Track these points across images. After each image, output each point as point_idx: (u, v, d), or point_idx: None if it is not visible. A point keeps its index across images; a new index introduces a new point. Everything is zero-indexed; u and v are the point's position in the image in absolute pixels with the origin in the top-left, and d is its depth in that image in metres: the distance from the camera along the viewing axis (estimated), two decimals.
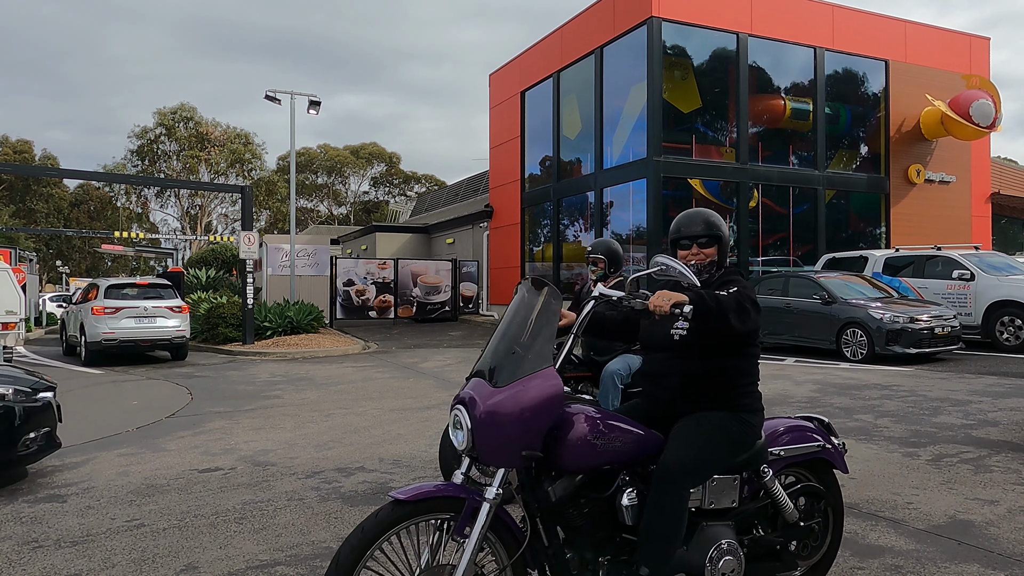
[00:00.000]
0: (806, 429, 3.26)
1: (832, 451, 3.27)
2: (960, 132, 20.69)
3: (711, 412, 2.82)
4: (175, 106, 57.36)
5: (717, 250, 3.01)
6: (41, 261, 55.49)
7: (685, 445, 2.70)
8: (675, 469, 2.63)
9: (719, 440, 2.77)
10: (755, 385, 2.98)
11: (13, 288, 12.50)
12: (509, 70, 25.49)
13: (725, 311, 2.59)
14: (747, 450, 2.88)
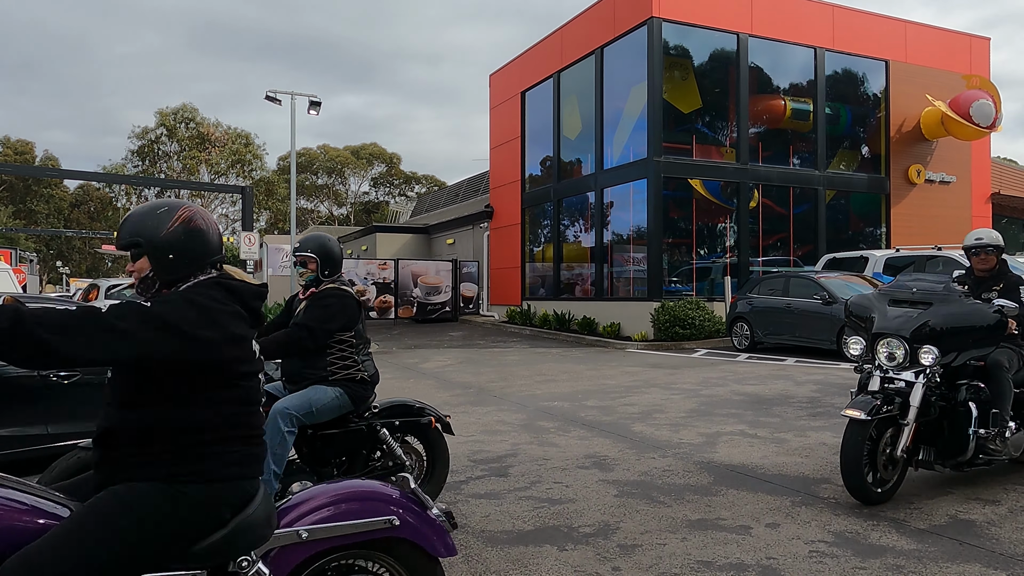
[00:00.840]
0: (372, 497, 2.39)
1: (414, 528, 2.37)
2: (960, 132, 20.69)
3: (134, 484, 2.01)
4: (176, 107, 57.41)
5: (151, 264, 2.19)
6: (41, 262, 55.51)
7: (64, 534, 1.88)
8: None
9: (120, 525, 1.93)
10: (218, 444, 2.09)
11: (14, 289, 12.51)
12: (509, 70, 25.50)
13: None
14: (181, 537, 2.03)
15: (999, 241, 5.42)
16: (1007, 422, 4.82)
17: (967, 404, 4.77)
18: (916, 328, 4.70)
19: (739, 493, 5.03)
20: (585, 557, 3.95)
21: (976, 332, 4.78)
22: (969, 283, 5.38)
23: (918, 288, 4.96)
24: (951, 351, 4.71)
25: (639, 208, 18.76)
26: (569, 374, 11.77)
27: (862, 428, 4.54)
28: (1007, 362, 5.01)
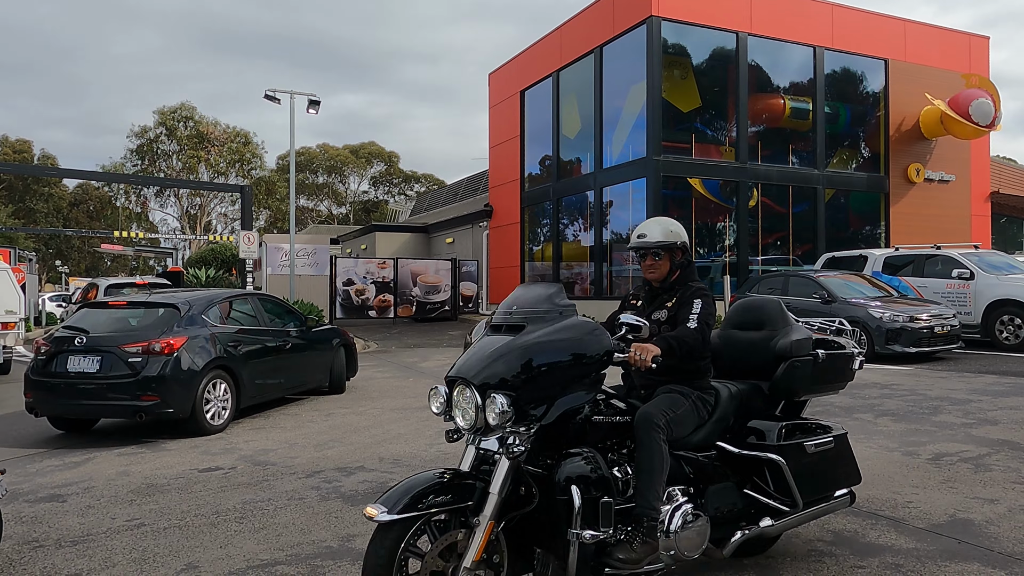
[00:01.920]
0: None
1: None
2: (959, 131, 20.69)
3: None
4: (175, 105, 57.37)
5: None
6: (41, 261, 55.47)
7: None
8: None
9: None
10: None
11: (13, 288, 12.49)
12: (508, 69, 25.48)
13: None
14: None
15: (673, 237, 3.64)
16: (655, 511, 3.09)
17: (568, 489, 2.91)
18: (485, 367, 2.95)
19: None
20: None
21: (572, 366, 3.04)
22: (643, 297, 3.89)
23: (520, 306, 3.18)
24: (540, 400, 2.95)
25: (638, 207, 18.76)
26: None
27: (385, 534, 2.84)
28: (664, 416, 3.22)
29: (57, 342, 7.41)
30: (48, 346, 7.45)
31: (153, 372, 7.12)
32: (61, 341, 7.39)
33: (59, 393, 7.26)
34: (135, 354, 7.17)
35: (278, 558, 4.01)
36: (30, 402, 7.42)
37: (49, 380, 7.27)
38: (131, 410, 7.20)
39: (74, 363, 7.21)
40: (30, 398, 7.40)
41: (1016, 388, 8.97)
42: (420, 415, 8.27)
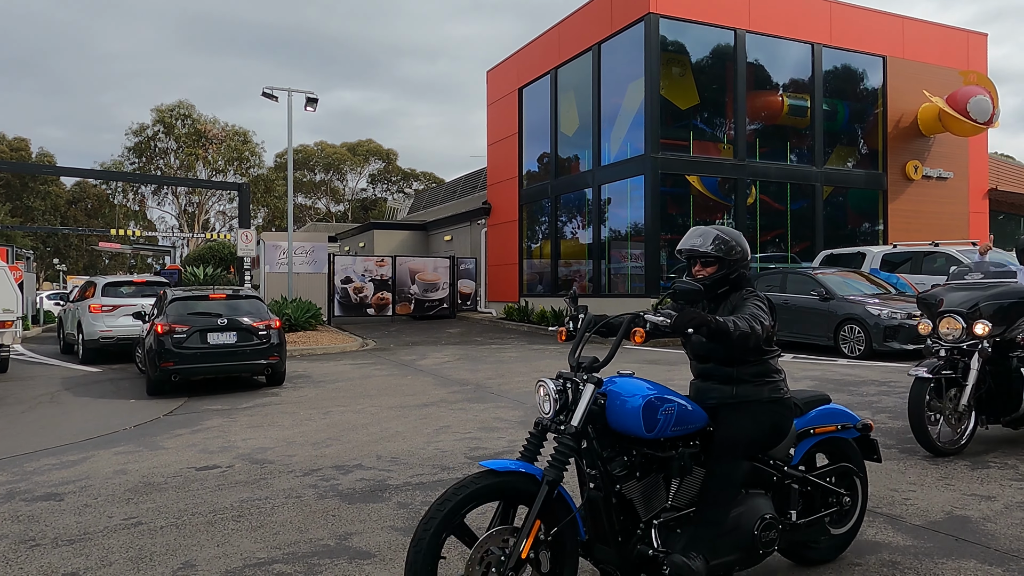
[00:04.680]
0: None
1: None
2: (958, 128, 20.70)
3: None
4: (173, 103, 57.27)
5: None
6: (38, 259, 55.38)
7: None
8: None
9: None
10: None
11: (10, 286, 12.46)
12: (506, 67, 25.46)
13: None
14: None
15: None
16: None
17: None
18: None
19: None
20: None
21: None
22: None
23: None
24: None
25: (637, 204, 18.75)
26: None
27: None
28: None
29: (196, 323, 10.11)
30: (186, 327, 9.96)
31: (275, 341, 10.49)
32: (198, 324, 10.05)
33: (202, 360, 9.98)
34: (262, 329, 10.40)
35: (275, 556, 4.01)
36: (170, 368, 9.80)
37: (193, 351, 9.91)
38: (263, 367, 10.42)
39: (214, 338, 10.13)
40: (171, 365, 9.79)
41: None
42: (418, 413, 8.27)
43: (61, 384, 11.55)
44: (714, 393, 3.40)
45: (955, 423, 5.76)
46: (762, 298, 3.38)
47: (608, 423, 3.11)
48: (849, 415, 3.80)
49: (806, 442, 3.64)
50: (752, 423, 3.30)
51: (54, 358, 15.41)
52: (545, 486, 2.92)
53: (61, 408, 9.42)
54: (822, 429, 3.68)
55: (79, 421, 8.41)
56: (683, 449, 3.20)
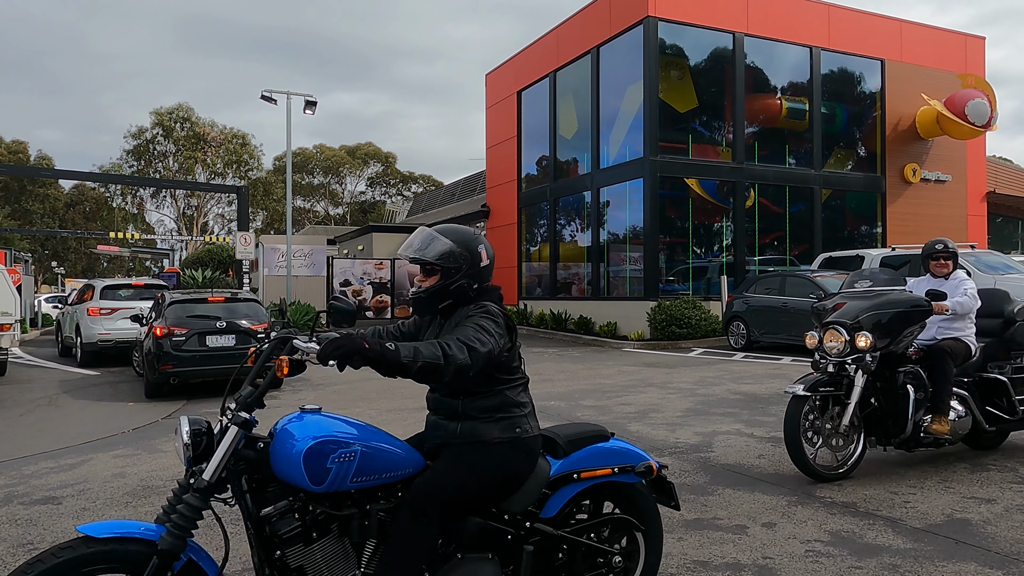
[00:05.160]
0: None
1: None
2: (956, 131, 20.73)
3: None
4: (172, 106, 57.26)
5: None
6: (37, 262, 55.33)
7: None
8: None
9: None
10: None
11: (8, 289, 12.44)
12: (505, 70, 25.48)
13: None
14: None
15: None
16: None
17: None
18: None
19: (735, 492, 5.03)
20: None
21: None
22: None
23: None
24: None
25: (635, 207, 18.76)
26: (565, 373, 11.77)
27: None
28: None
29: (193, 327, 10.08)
30: (184, 330, 9.94)
31: None
32: (197, 327, 10.05)
33: (200, 362, 9.95)
34: (261, 332, 9.93)
35: None
36: (168, 371, 9.78)
37: (191, 354, 9.89)
38: None
39: (212, 341, 10.12)
40: (170, 368, 9.76)
41: None
42: (417, 416, 8.26)
43: (59, 387, 11.53)
44: (439, 431, 2.81)
45: (838, 445, 5.23)
46: (496, 314, 2.75)
47: (275, 473, 2.59)
48: (632, 454, 3.07)
49: (567, 490, 2.92)
50: (467, 470, 2.66)
51: (52, 361, 15.39)
52: (155, 559, 2.40)
53: (59, 411, 9.40)
54: (591, 473, 2.95)
55: (77, 424, 8.39)
56: (374, 505, 2.58)
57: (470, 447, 2.70)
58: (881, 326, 5.18)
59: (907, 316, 5.29)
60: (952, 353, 5.48)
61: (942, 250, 5.84)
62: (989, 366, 5.75)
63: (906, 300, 5.35)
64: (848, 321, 5.23)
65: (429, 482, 2.61)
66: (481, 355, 2.53)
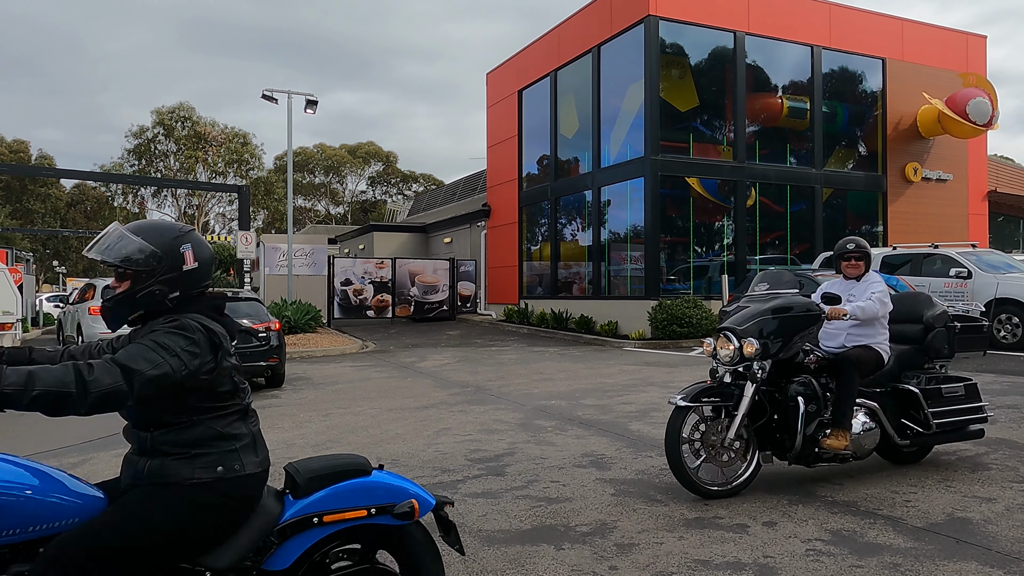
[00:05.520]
0: None
1: None
2: (957, 130, 20.72)
3: None
4: (174, 105, 57.28)
5: None
6: (38, 261, 55.38)
7: None
8: None
9: None
10: None
11: (10, 288, 12.46)
12: (506, 69, 25.48)
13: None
14: None
15: None
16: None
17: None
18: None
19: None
20: (582, 556, 3.94)
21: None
22: None
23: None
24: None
25: (636, 207, 18.76)
26: (566, 373, 11.77)
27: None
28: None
29: None
30: None
31: (274, 343, 10.62)
32: None
33: None
34: (262, 331, 10.39)
35: None
36: None
37: None
38: (262, 369, 10.47)
39: None
40: None
41: (1014, 387, 8.98)
42: (418, 415, 8.26)
43: None
44: (128, 469, 2.40)
45: (726, 460, 4.85)
46: (191, 329, 2.24)
47: None
48: (395, 491, 2.54)
49: (306, 536, 2.41)
50: (139, 520, 2.19)
51: None
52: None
53: None
54: (338, 516, 2.43)
55: (78, 423, 8.40)
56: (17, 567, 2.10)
57: (155, 489, 2.24)
58: (769, 332, 4.83)
59: (795, 322, 4.92)
60: (859, 362, 5.09)
61: (853, 250, 5.44)
62: (905, 375, 5.35)
63: (795, 304, 4.98)
64: (737, 327, 4.89)
65: (79, 534, 2.11)
66: (149, 379, 2.09)
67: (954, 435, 5.43)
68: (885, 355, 5.28)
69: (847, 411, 4.92)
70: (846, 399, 4.94)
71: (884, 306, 5.22)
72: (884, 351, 5.28)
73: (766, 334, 4.83)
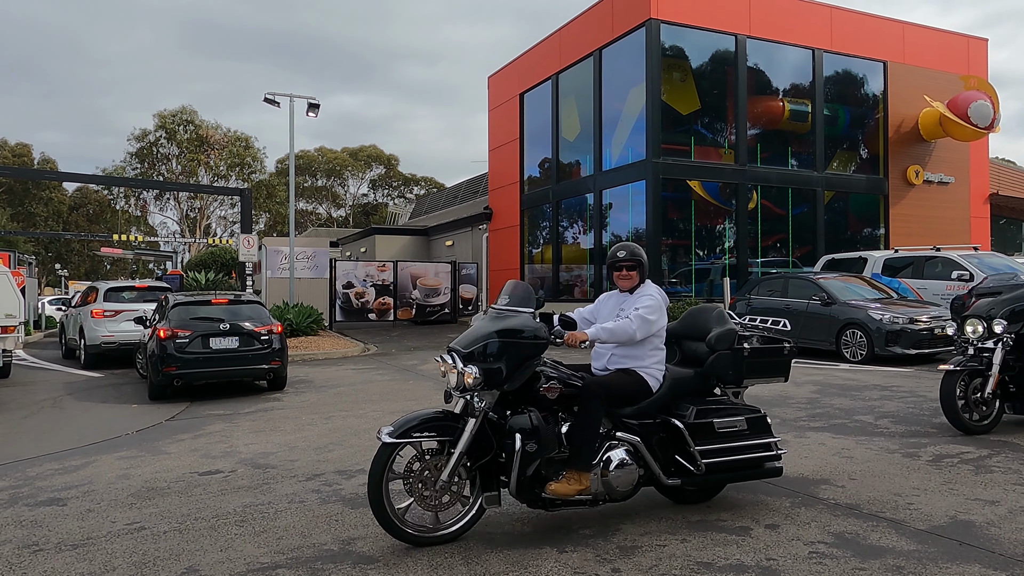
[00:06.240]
0: None
1: None
2: (958, 133, 20.72)
3: None
4: (176, 108, 57.36)
5: None
6: (40, 264, 55.43)
7: None
8: None
9: None
10: None
11: (12, 291, 12.47)
12: (508, 72, 25.52)
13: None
14: None
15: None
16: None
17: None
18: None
19: (738, 494, 5.03)
20: (584, 559, 3.94)
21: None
22: None
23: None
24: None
25: (638, 209, 18.77)
26: None
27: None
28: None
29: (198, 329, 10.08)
30: (188, 332, 9.93)
31: (276, 346, 10.52)
32: (200, 329, 10.05)
33: (204, 364, 9.97)
34: (264, 334, 10.39)
35: (279, 561, 4.00)
36: (172, 373, 9.80)
37: (195, 356, 9.94)
38: (264, 372, 10.48)
39: (216, 343, 10.13)
40: (174, 370, 9.80)
41: None
42: None
43: (63, 389, 11.56)
44: None
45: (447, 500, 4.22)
46: None
47: None
48: None
49: None
50: None
51: (56, 363, 15.42)
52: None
53: (63, 413, 9.42)
54: None
55: (81, 426, 8.41)
56: None
57: None
58: (493, 357, 4.10)
59: (523, 348, 4.18)
60: (611, 390, 4.31)
61: (624, 258, 4.63)
62: (679, 405, 4.54)
63: (525, 328, 4.23)
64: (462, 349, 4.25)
65: None
66: None
67: (744, 473, 4.62)
68: (652, 380, 4.49)
69: (584, 449, 4.15)
70: (582, 435, 4.16)
71: (646, 325, 4.38)
72: (652, 376, 4.49)
73: (490, 359, 4.07)
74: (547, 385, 4.21)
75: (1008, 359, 6.66)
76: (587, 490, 4.17)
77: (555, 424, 4.20)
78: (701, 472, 4.42)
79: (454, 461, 4.10)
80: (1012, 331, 6.64)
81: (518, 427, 4.09)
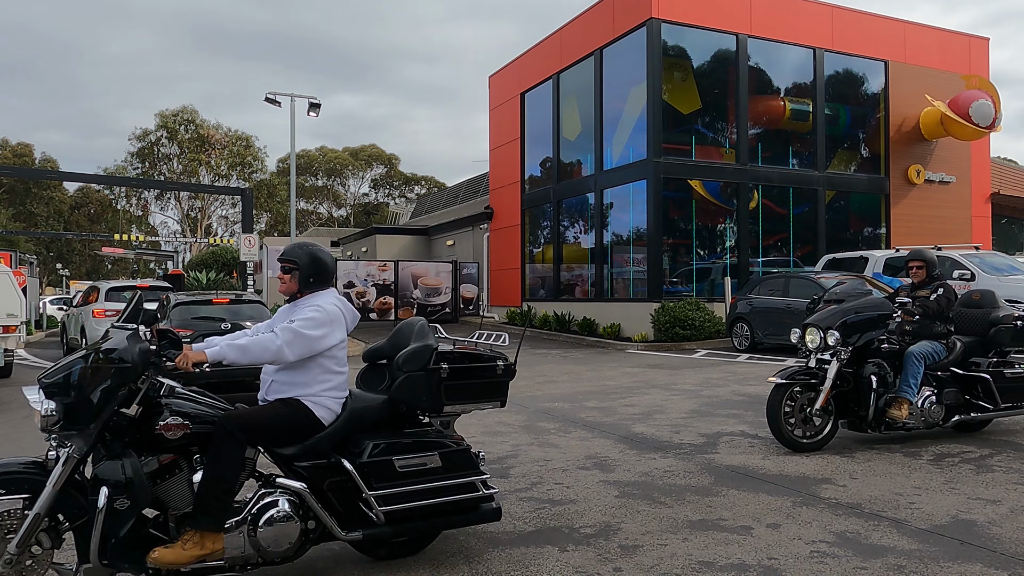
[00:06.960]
0: None
1: None
2: (960, 132, 20.70)
3: None
4: (177, 108, 57.41)
5: None
6: (41, 264, 55.46)
7: None
8: None
9: None
10: None
11: (14, 291, 12.48)
12: (508, 72, 25.52)
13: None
14: None
15: None
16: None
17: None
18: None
19: (740, 493, 5.03)
20: (586, 558, 3.95)
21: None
22: None
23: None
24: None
25: (639, 209, 18.76)
26: (569, 375, 11.77)
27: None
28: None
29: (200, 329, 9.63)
30: (190, 331, 9.30)
31: None
32: (201, 328, 9.60)
33: None
34: None
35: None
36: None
37: None
38: None
39: None
40: None
41: None
42: None
43: None
44: None
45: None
46: None
47: None
48: None
49: None
50: None
51: None
52: None
53: None
54: None
55: None
56: None
57: None
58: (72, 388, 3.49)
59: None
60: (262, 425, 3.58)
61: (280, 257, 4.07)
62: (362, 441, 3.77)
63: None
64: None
65: None
66: None
67: (452, 520, 3.90)
68: (323, 411, 3.70)
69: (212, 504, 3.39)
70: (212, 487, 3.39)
71: (301, 341, 3.60)
72: (321, 406, 3.70)
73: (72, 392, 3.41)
74: (165, 423, 3.39)
75: (846, 372, 6.23)
76: (218, 554, 3.39)
77: (188, 471, 3.45)
78: (381, 522, 3.65)
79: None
80: (850, 343, 6.23)
81: (104, 477, 3.30)
